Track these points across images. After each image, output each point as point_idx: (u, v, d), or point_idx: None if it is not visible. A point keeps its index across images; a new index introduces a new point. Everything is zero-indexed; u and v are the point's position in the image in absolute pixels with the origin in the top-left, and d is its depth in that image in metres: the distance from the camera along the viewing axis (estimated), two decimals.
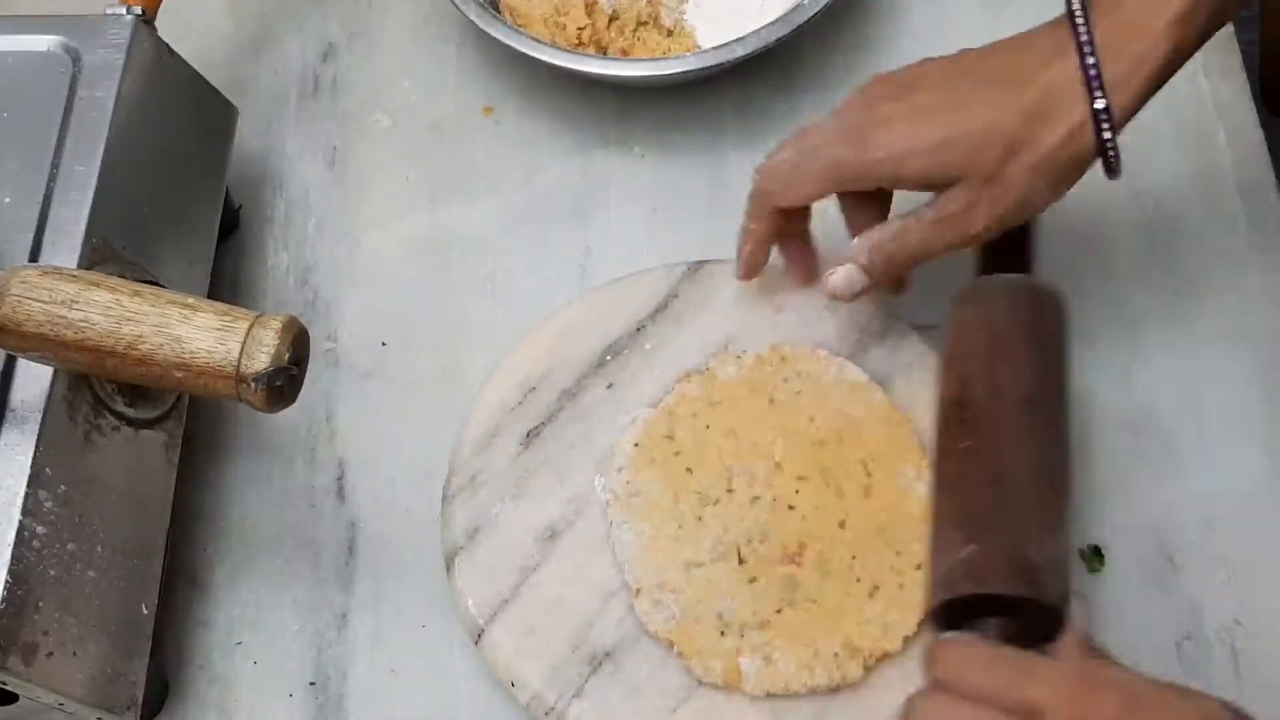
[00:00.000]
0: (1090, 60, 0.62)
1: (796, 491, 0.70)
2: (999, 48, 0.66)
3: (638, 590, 0.68)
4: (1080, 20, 0.63)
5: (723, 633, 0.67)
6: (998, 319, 0.68)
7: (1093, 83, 0.62)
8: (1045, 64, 0.63)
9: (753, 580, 0.68)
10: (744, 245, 0.73)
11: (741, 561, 0.68)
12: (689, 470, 0.70)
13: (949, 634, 0.61)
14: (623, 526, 0.69)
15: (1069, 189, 0.65)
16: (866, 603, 0.67)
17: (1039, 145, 0.63)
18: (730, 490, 0.70)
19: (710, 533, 0.69)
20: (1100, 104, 0.62)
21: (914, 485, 0.69)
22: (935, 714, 0.55)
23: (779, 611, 0.67)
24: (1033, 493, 0.63)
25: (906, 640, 0.66)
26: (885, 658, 0.66)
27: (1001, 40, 0.66)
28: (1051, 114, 0.63)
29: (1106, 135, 0.63)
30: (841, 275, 0.69)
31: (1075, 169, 0.64)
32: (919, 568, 0.67)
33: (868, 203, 0.69)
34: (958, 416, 0.66)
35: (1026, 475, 0.63)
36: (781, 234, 0.72)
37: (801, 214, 0.72)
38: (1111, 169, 0.64)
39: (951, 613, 0.61)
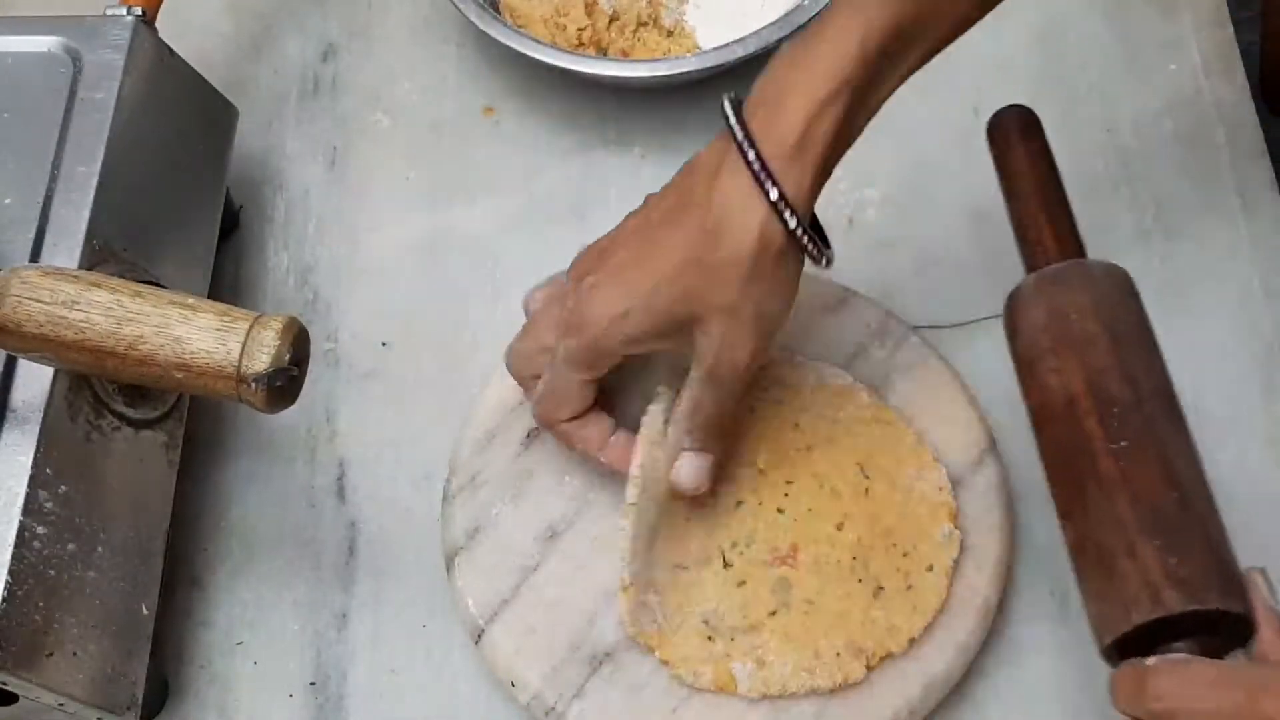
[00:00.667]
0: (750, 155, 0.60)
1: (785, 495, 0.69)
2: (674, 180, 0.65)
3: (625, 587, 0.67)
4: (734, 122, 0.61)
5: (710, 637, 0.67)
6: (1107, 306, 0.63)
7: (759, 175, 0.60)
8: (713, 176, 0.61)
9: (741, 584, 0.68)
10: (590, 453, 0.69)
11: (727, 565, 0.68)
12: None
13: (1152, 660, 0.55)
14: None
15: (796, 289, 0.63)
16: (871, 603, 0.67)
17: (738, 258, 0.61)
18: (713, 495, 0.70)
19: (694, 537, 0.69)
20: (774, 194, 0.60)
21: (916, 485, 0.69)
22: None
23: (773, 614, 0.67)
24: (1205, 492, 0.58)
25: (911, 642, 0.66)
26: (888, 658, 0.66)
27: (675, 176, 0.65)
28: (733, 224, 0.60)
29: (792, 224, 0.60)
30: (688, 469, 0.67)
31: (783, 268, 0.62)
32: (931, 569, 0.67)
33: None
34: (1099, 411, 0.59)
35: (1195, 474, 0.59)
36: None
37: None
38: (816, 260, 0.62)
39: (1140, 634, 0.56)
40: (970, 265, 0.80)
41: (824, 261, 0.63)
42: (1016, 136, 0.69)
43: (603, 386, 0.67)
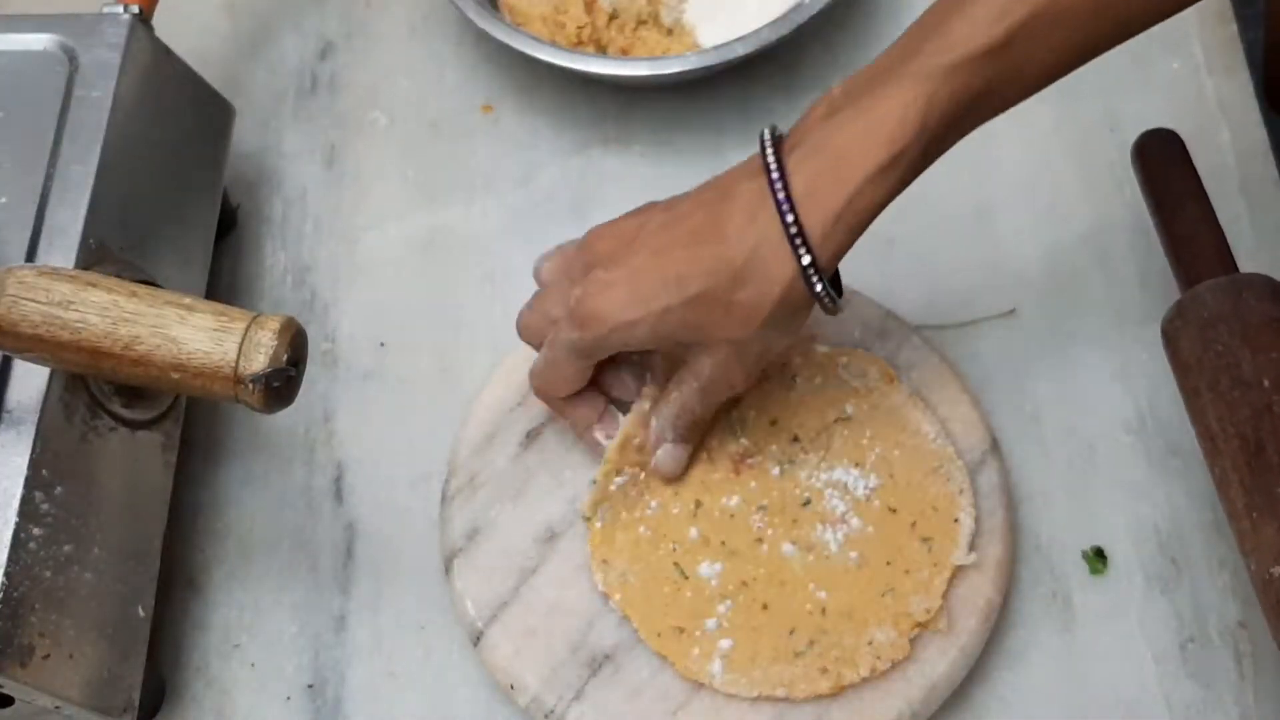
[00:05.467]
0: (790, 219, 0.60)
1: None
2: (707, 198, 0.64)
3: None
4: (775, 176, 0.60)
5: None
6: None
7: (794, 240, 0.60)
8: (750, 218, 0.61)
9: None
10: (579, 431, 0.71)
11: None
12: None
13: None
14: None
15: (803, 323, 0.65)
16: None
17: (759, 306, 0.62)
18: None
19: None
20: (806, 260, 0.60)
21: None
22: None
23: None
24: None
25: (913, 642, 0.66)
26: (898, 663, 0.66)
27: (710, 184, 0.65)
28: (762, 274, 0.61)
29: (819, 289, 0.61)
30: (666, 456, 0.69)
31: (797, 313, 0.63)
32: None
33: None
34: None
35: None
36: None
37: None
38: (829, 311, 0.63)
39: None
40: (970, 265, 0.80)
41: (836, 312, 0.63)
42: (1167, 158, 0.74)
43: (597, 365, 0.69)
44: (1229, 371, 0.65)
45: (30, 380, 0.63)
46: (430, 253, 0.83)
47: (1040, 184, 0.82)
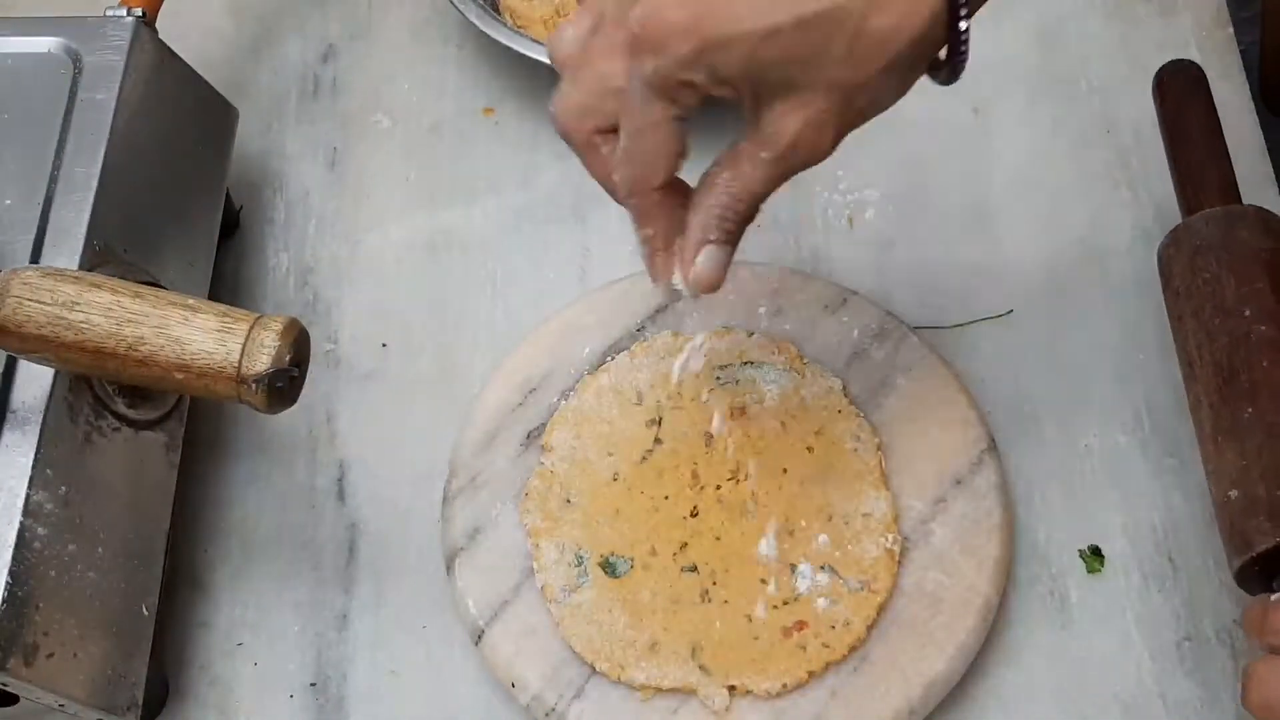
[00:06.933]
0: None
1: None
2: None
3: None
4: None
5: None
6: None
7: None
8: None
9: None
10: (651, 257, 0.59)
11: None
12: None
13: (1278, 595, 0.59)
14: None
15: (912, 85, 0.55)
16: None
17: (891, 40, 0.51)
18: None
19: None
20: None
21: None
22: None
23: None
24: None
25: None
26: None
27: None
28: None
29: (963, 25, 0.51)
30: (707, 261, 0.57)
31: (918, 64, 0.53)
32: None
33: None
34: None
35: None
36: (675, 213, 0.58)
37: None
38: (955, 73, 0.54)
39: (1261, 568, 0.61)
40: (970, 265, 0.80)
41: (956, 78, 0.54)
42: (1185, 90, 0.73)
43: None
44: (1213, 299, 0.67)
45: (35, 381, 0.63)
46: (432, 254, 0.84)
47: (1038, 185, 0.83)
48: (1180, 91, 0.74)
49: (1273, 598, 0.59)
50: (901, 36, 0.51)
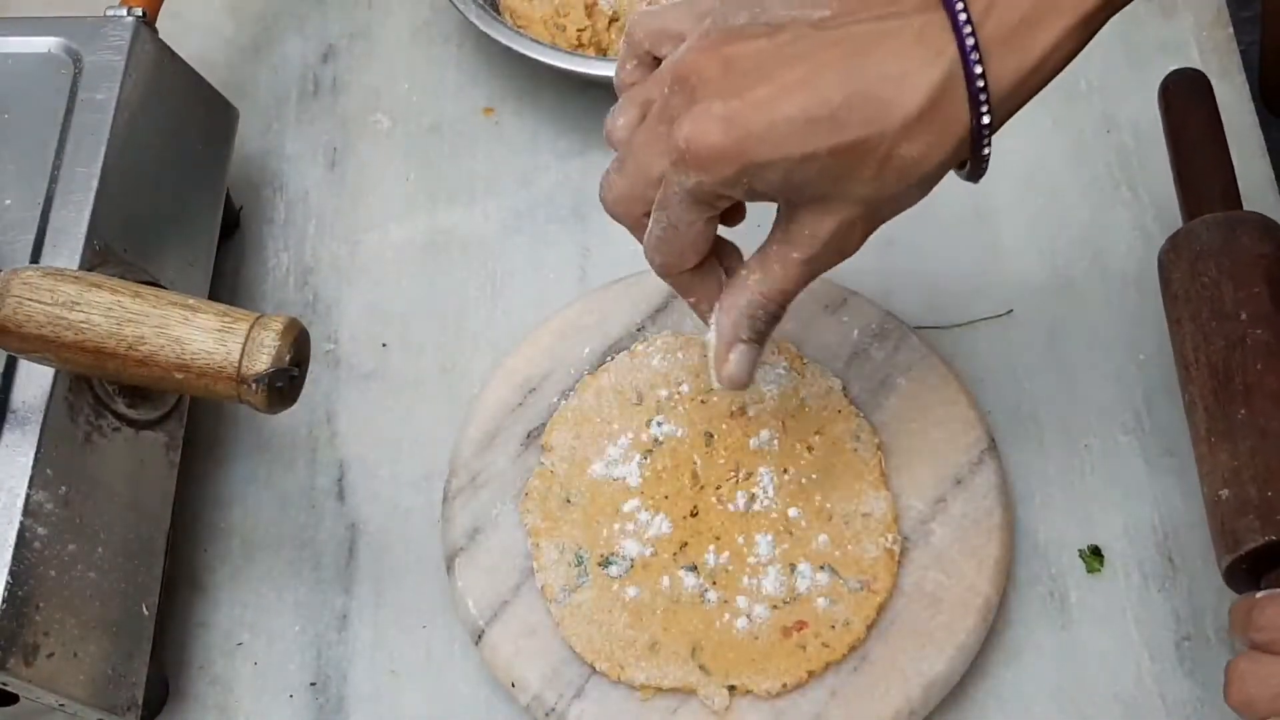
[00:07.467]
0: (977, 70, 0.52)
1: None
2: (852, 28, 0.53)
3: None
4: (963, 16, 0.51)
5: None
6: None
7: (978, 97, 0.52)
8: (926, 61, 0.52)
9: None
10: (702, 311, 0.62)
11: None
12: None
13: (1262, 592, 0.60)
14: None
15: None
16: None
17: (921, 164, 0.53)
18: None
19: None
20: (985, 120, 0.53)
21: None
22: (1266, 678, 0.53)
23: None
24: None
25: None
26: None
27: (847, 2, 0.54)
28: (939, 128, 0.53)
29: (986, 151, 0.54)
30: (739, 361, 0.60)
31: (942, 175, 0.56)
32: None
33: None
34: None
35: None
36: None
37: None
38: (977, 175, 0.56)
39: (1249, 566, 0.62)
40: (970, 265, 0.80)
41: (979, 178, 0.56)
42: (1190, 97, 0.74)
43: None
44: (1210, 304, 0.67)
45: (35, 380, 0.63)
46: (432, 254, 0.84)
47: (1038, 186, 0.83)
48: (1185, 100, 0.75)
49: (1258, 595, 0.60)
50: (929, 162, 0.54)
